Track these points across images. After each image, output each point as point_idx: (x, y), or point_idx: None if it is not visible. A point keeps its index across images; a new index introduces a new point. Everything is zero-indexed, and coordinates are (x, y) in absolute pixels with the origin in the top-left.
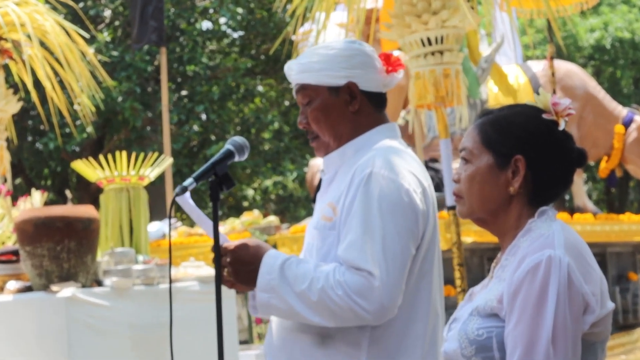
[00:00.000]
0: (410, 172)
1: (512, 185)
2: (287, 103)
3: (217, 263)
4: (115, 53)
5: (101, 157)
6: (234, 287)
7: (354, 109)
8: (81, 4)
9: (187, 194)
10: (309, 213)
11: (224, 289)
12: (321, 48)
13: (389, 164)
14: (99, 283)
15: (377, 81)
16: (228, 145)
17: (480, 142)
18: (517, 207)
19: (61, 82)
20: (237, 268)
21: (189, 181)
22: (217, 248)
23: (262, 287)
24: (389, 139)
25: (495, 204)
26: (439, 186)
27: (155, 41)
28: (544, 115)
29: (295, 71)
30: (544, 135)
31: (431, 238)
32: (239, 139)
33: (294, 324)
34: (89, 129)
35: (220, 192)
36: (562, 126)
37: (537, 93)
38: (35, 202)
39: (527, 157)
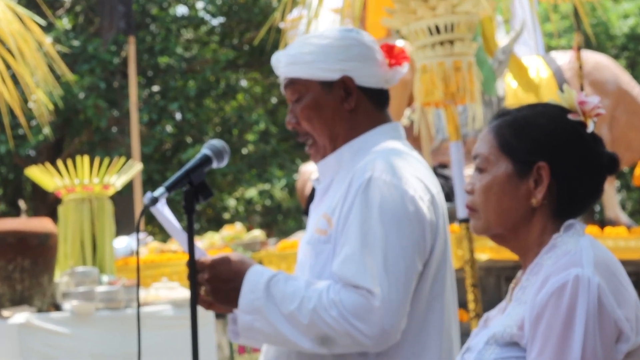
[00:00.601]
0: (416, 177)
1: (534, 197)
2: (274, 100)
3: (193, 281)
4: (76, 43)
5: (60, 162)
6: (212, 307)
7: (350, 107)
8: None
9: (162, 200)
10: (300, 226)
11: (201, 312)
12: (313, 37)
13: (391, 167)
14: (57, 307)
15: (377, 76)
16: (205, 150)
17: (497, 148)
18: (540, 221)
19: (14, 77)
20: (216, 286)
21: (160, 191)
22: (192, 264)
23: (245, 307)
24: (391, 140)
25: (515, 217)
26: (449, 195)
27: (123, 29)
28: (570, 116)
29: (283, 63)
30: (570, 138)
31: (442, 253)
32: (217, 142)
33: (286, 352)
34: (46, 130)
35: (196, 204)
36: (590, 128)
37: (562, 89)
38: None
39: (551, 164)
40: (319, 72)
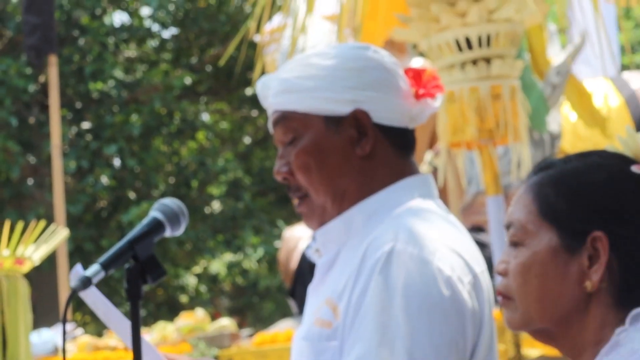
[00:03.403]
0: (453, 250)
1: (589, 278)
2: (247, 140)
3: None
4: None
5: None
6: None
7: (364, 152)
8: None
9: (94, 287)
10: (283, 312)
11: None
12: (315, 56)
13: (420, 236)
14: None
15: (400, 111)
16: (154, 213)
17: (538, 214)
18: (598, 311)
19: None
20: None
21: (94, 269)
22: None
23: None
24: (420, 198)
25: (564, 307)
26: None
27: (39, 46)
28: (634, 168)
29: (274, 91)
30: (634, 199)
31: (487, 351)
32: (171, 202)
33: None
34: None
35: (143, 285)
36: None
37: (638, 121)
38: None
39: (610, 234)
40: (323, 103)
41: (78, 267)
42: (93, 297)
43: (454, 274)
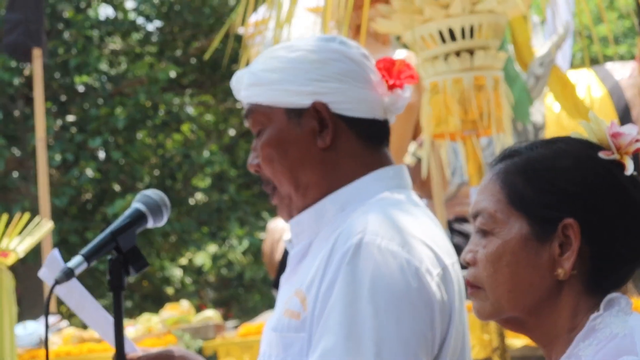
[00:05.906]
0: (423, 242)
1: (560, 266)
2: (232, 132)
3: None
4: None
5: None
6: None
7: (325, 144)
8: None
9: (74, 279)
10: (269, 304)
11: None
12: (282, 49)
13: (388, 228)
14: None
15: (368, 102)
16: (136, 204)
17: (507, 202)
18: (571, 298)
19: None
20: None
21: (76, 260)
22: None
23: None
24: (392, 189)
25: (536, 295)
26: None
27: (22, 41)
28: (601, 154)
29: (244, 84)
30: (603, 185)
31: (458, 344)
32: (153, 193)
33: None
34: None
35: (125, 277)
36: (629, 169)
37: (620, 112)
38: None
39: (581, 220)
40: (285, 96)
41: (55, 252)
42: (72, 288)
43: (423, 265)
